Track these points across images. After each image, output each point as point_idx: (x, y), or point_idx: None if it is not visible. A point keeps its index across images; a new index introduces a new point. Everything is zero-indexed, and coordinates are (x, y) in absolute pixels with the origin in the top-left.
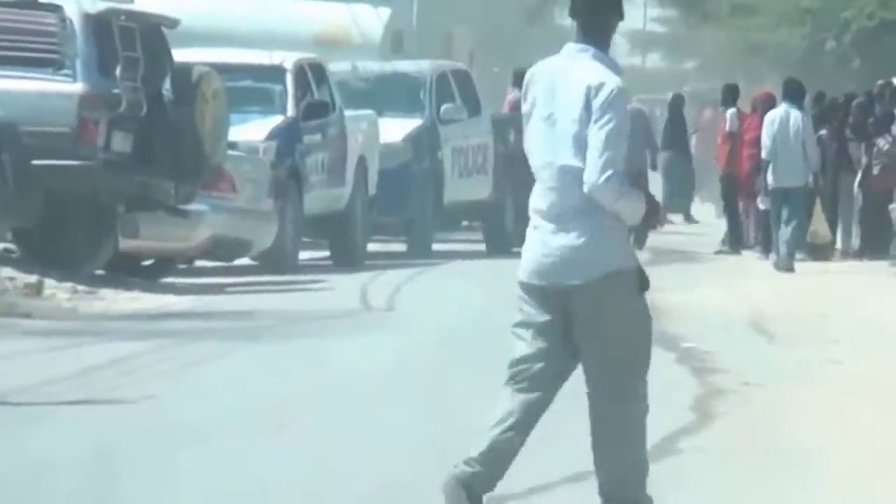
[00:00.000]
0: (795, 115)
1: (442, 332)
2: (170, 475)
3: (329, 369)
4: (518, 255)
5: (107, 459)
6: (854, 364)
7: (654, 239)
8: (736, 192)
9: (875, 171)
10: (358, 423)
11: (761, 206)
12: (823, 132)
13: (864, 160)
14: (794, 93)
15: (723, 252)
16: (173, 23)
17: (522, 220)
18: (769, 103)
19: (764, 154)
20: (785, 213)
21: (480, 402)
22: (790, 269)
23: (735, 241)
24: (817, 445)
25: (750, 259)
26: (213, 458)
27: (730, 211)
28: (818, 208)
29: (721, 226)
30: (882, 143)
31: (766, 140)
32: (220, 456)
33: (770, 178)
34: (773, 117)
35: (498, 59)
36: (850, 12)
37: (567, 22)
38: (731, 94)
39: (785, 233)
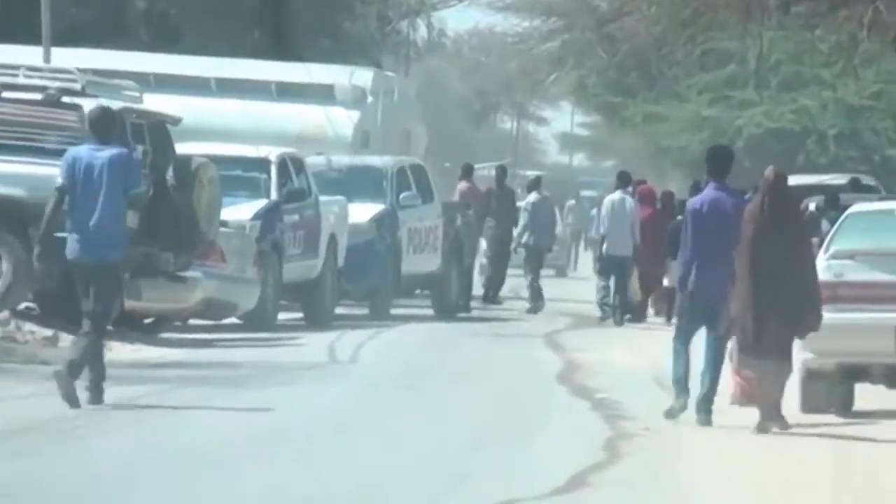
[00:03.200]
0: (628, 200)
1: (397, 380)
2: (170, 493)
3: (299, 411)
4: (462, 319)
5: (122, 471)
6: (737, 413)
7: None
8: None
9: None
10: (322, 453)
11: (665, 283)
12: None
13: None
14: (625, 182)
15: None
16: (176, 120)
17: (465, 289)
18: (650, 195)
19: (602, 230)
20: (613, 279)
21: (421, 435)
22: (622, 324)
23: (639, 312)
24: (706, 479)
25: (652, 325)
26: (205, 480)
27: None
28: (635, 274)
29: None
30: None
31: (604, 219)
32: (210, 479)
33: (605, 248)
34: (610, 201)
35: (448, 155)
36: (742, 121)
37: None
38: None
39: (615, 297)
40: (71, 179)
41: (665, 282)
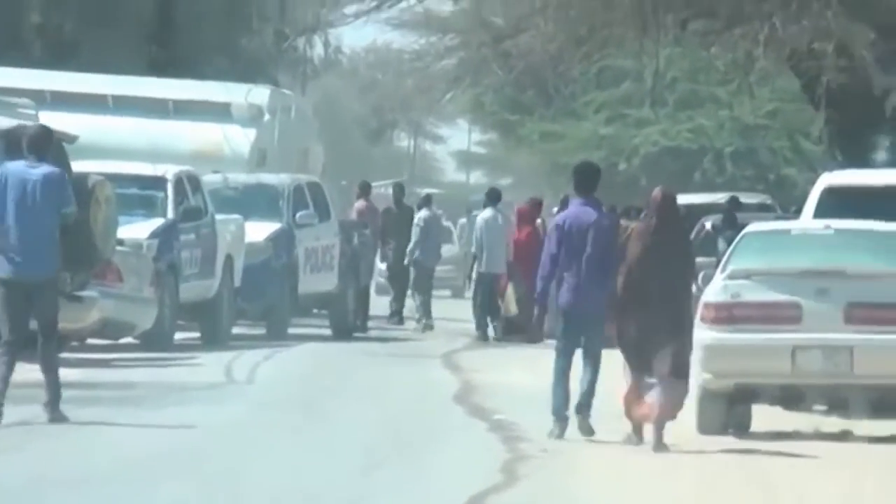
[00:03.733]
0: (500, 216)
1: (293, 401)
2: None
3: (195, 431)
4: (359, 339)
5: (11, 495)
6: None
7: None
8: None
9: None
10: (215, 474)
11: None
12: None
13: None
14: (494, 199)
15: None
16: (72, 138)
17: (363, 308)
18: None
19: (474, 248)
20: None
21: (315, 457)
22: (501, 338)
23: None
24: (605, 500)
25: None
26: (100, 500)
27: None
28: (510, 288)
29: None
30: None
31: (478, 237)
32: (104, 499)
33: (481, 265)
34: (482, 219)
35: (346, 173)
36: (639, 139)
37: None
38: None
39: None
40: (1, 196)
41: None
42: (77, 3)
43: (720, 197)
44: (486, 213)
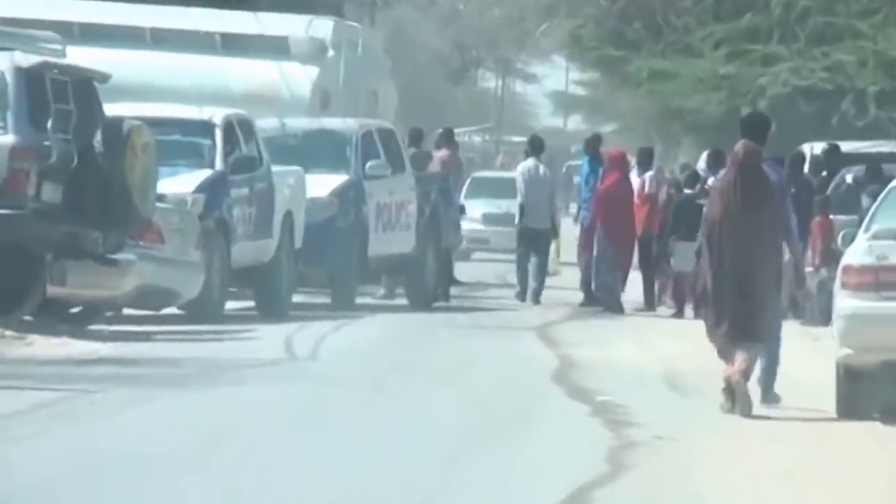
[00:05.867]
0: (542, 168)
1: (363, 380)
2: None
3: (250, 415)
4: (439, 309)
5: (45, 486)
6: (763, 420)
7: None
8: (651, 251)
9: None
10: (274, 465)
11: (675, 267)
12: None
13: None
14: (538, 149)
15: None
16: (104, 77)
17: (444, 274)
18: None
19: (519, 199)
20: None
21: (390, 445)
22: (538, 302)
23: (649, 299)
24: (723, 498)
25: (662, 317)
26: (141, 494)
27: (645, 270)
28: (554, 245)
29: None
30: None
31: (519, 188)
32: (147, 493)
33: (522, 219)
34: (525, 169)
35: (422, 118)
36: (766, 79)
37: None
38: (647, 158)
39: (532, 269)
40: None
41: (672, 264)
42: None
43: (873, 145)
44: (528, 163)
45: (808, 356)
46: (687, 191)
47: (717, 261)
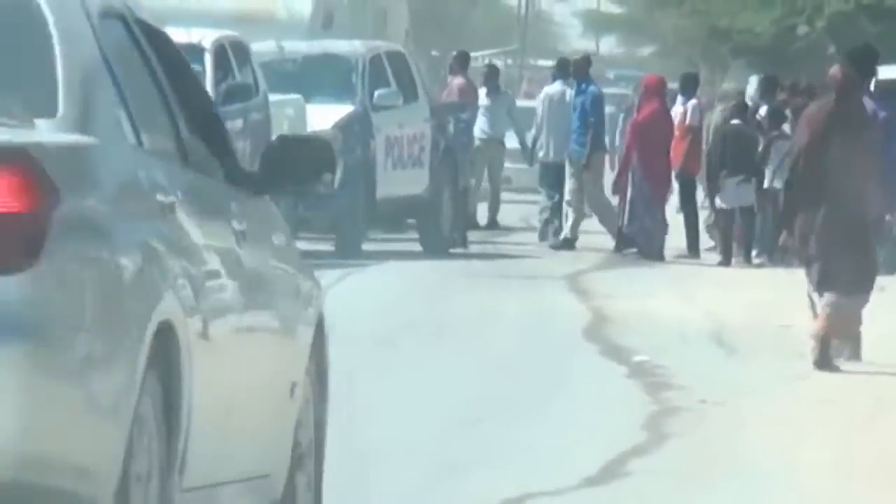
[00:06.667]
0: (569, 93)
1: (372, 337)
2: None
3: None
4: (457, 257)
5: None
6: (820, 380)
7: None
8: (694, 190)
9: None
10: None
11: (722, 205)
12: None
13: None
14: (565, 71)
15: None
16: None
17: (461, 217)
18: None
19: (533, 131)
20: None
21: (403, 409)
22: (559, 247)
23: (693, 244)
24: (777, 468)
25: (708, 264)
26: None
27: (688, 211)
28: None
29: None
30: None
31: (539, 117)
32: None
33: (541, 152)
34: (547, 95)
35: (437, 41)
36: None
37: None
38: (690, 84)
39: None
40: None
41: (718, 202)
42: None
43: None
44: (554, 87)
45: (873, 308)
46: (734, 121)
47: (809, 198)
